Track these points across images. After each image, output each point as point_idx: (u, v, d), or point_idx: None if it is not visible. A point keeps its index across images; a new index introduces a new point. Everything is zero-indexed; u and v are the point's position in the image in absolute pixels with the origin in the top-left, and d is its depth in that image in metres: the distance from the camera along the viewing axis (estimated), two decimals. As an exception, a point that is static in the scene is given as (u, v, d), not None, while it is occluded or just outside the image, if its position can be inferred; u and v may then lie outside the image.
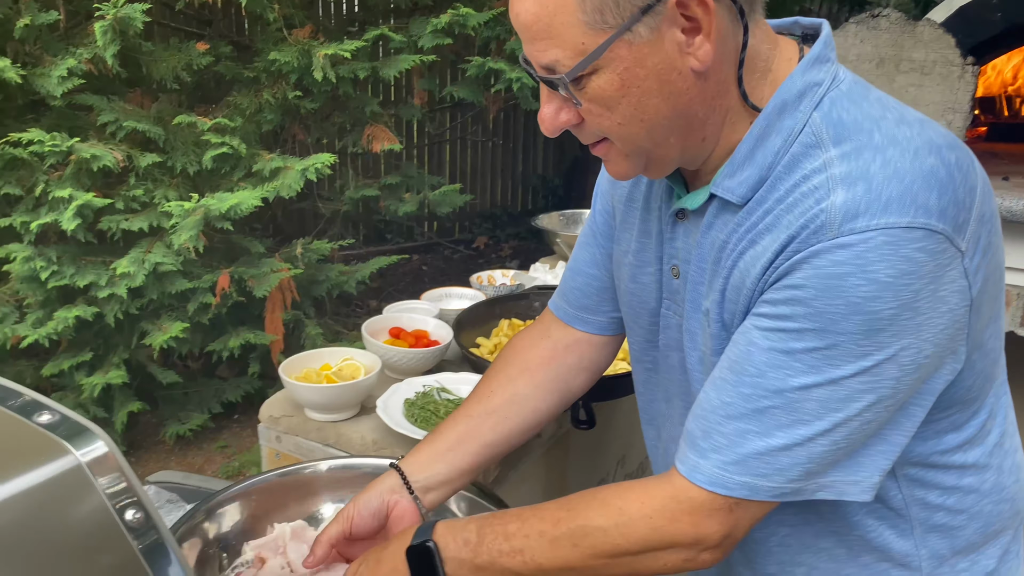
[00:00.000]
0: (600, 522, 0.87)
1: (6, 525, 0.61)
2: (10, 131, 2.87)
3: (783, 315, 0.80)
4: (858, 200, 0.76)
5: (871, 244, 0.75)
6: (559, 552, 0.88)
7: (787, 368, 0.80)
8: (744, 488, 0.82)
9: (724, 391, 0.84)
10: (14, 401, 0.73)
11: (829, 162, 0.79)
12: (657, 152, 0.87)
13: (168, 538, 0.70)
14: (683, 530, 0.85)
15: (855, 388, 0.78)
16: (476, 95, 3.74)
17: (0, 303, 3.07)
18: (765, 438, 0.81)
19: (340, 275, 3.71)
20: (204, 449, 3.50)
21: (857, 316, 0.76)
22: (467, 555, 0.92)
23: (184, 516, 1.12)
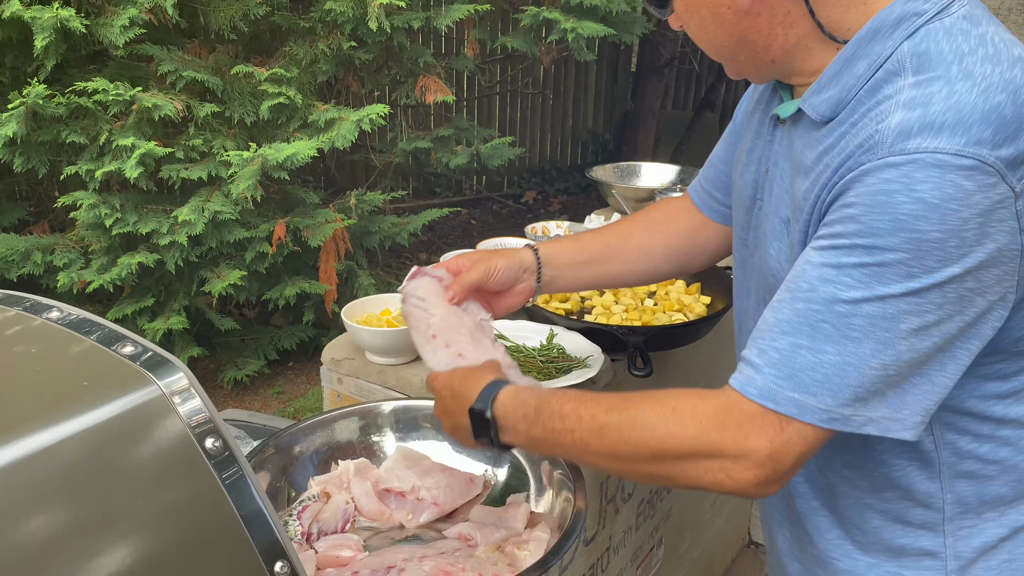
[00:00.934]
0: (651, 417, 0.88)
1: (94, 450, 0.64)
2: (75, 81, 2.93)
3: (836, 233, 0.82)
4: (912, 123, 0.78)
5: (918, 165, 0.76)
6: (606, 438, 0.91)
7: (837, 282, 0.81)
8: (793, 404, 0.82)
9: (779, 310, 0.86)
10: (97, 333, 0.76)
11: (902, 89, 0.81)
12: (732, 65, 0.97)
13: (245, 465, 0.73)
14: (730, 439, 0.84)
15: (902, 309, 0.80)
16: (529, 45, 3.70)
17: (67, 249, 3.17)
18: (816, 353, 0.82)
19: (392, 227, 3.75)
20: (260, 394, 3.60)
21: (903, 233, 0.77)
22: (523, 427, 0.98)
23: (254, 450, 1.17)
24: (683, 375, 1.91)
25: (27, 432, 0.62)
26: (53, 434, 0.63)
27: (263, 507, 0.73)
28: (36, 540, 0.58)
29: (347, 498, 1.19)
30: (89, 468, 0.63)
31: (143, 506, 0.64)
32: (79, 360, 0.73)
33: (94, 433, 0.65)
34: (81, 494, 0.61)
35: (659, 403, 0.89)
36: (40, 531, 0.58)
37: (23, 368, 0.73)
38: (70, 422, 0.64)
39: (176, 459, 0.68)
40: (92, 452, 0.64)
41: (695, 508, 2.22)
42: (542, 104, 6.51)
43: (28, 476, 0.60)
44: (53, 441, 0.62)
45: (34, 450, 0.61)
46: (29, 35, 2.81)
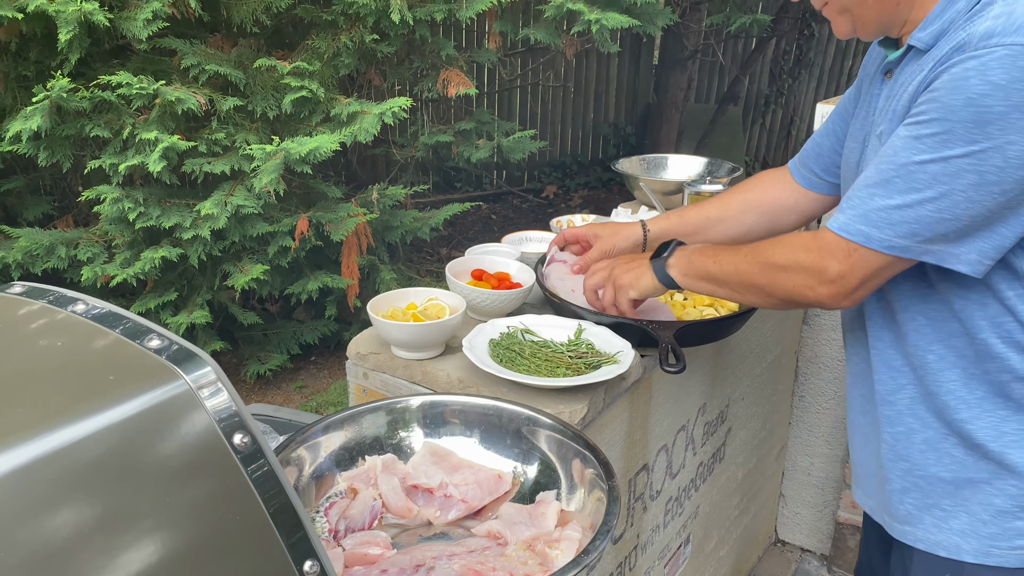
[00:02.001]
0: (771, 248, 1.22)
1: (120, 445, 0.63)
2: (99, 74, 2.93)
3: (920, 112, 1.03)
4: (996, 27, 0.96)
5: (994, 55, 0.95)
6: (737, 260, 1.26)
7: (912, 148, 1.03)
8: (860, 235, 1.08)
9: (868, 171, 1.10)
10: (123, 325, 0.74)
11: (991, 9, 1.00)
12: (857, 12, 1.13)
13: (273, 461, 0.71)
14: (810, 259, 1.14)
15: (961, 167, 0.99)
16: (553, 37, 3.66)
17: (90, 243, 3.17)
18: (886, 199, 1.06)
19: (414, 221, 3.73)
20: (283, 388, 3.60)
21: (971, 108, 0.96)
22: (686, 255, 1.36)
23: (281, 444, 1.15)
24: (712, 372, 1.88)
25: (54, 427, 0.61)
26: (79, 429, 0.62)
27: (293, 504, 0.71)
28: (63, 535, 0.57)
29: (374, 494, 1.17)
30: (116, 463, 0.62)
31: (170, 502, 0.63)
32: (105, 354, 0.72)
33: (120, 428, 0.64)
34: (108, 489, 0.60)
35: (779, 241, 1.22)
36: (67, 526, 0.57)
37: (49, 362, 0.72)
38: (96, 417, 0.63)
39: (203, 454, 0.67)
40: (118, 447, 0.63)
41: (722, 506, 2.19)
42: (563, 97, 6.46)
43: (55, 471, 0.59)
44: (79, 436, 0.62)
45: (61, 445, 0.60)
46: (53, 29, 2.81)
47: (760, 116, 7.16)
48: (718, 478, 2.10)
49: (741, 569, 2.45)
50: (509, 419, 1.21)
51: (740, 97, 6.74)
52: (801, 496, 2.61)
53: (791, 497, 2.64)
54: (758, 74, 7.02)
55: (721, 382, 1.95)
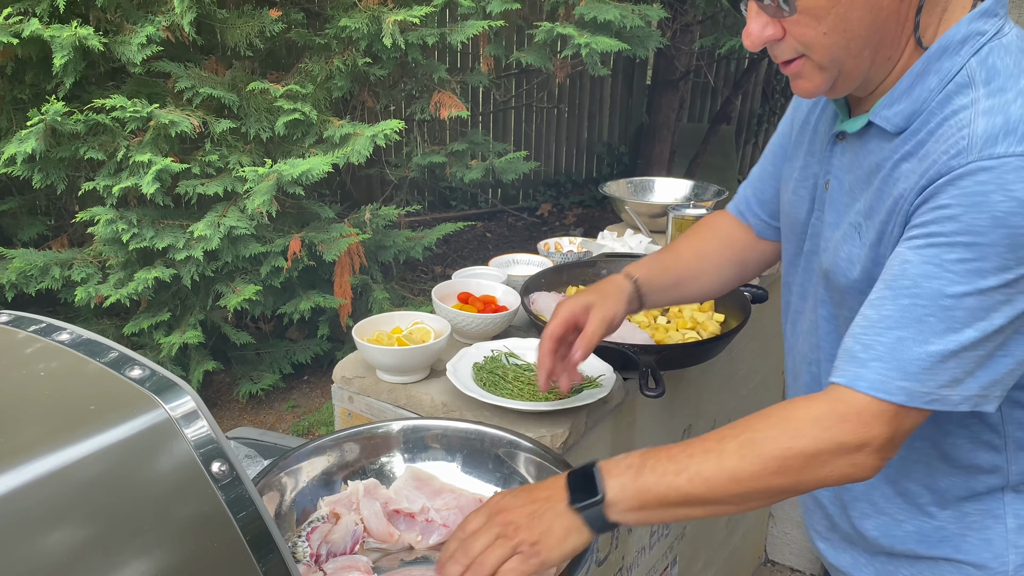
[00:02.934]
0: (768, 432, 0.91)
1: (99, 474, 0.64)
2: (93, 98, 2.97)
3: (934, 232, 0.88)
4: (996, 129, 0.86)
5: (1009, 167, 0.84)
6: (726, 463, 0.90)
7: (940, 278, 0.88)
8: (903, 393, 0.88)
9: (882, 307, 0.91)
10: (106, 355, 0.76)
11: (976, 100, 0.90)
12: (849, 64, 0.95)
13: (251, 489, 0.72)
14: (851, 430, 0.89)
15: (998, 299, 0.87)
16: (544, 61, 3.71)
17: (84, 264, 3.19)
18: (923, 344, 0.88)
19: (407, 241, 3.75)
20: (275, 408, 3.61)
21: (1001, 229, 0.84)
22: (630, 477, 0.92)
23: (263, 470, 1.16)
24: (696, 394, 1.89)
25: (33, 456, 0.62)
26: (59, 458, 0.63)
27: (270, 531, 0.72)
28: (42, 563, 0.57)
29: (356, 519, 1.18)
30: (95, 492, 0.63)
31: (149, 530, 0.64)
32: (87, 383, 0.73)
33: (100, 457, 0.65)
34: (87, 518, 0.61)
35: (769, 417, 0.93)
36: (45, 554, 0.58)
37: (31, 390, 0.73)
38: (76, 446, 0.64)
39: (182, 482, 0.68)
40: (98, 476, 0.64)
41: (710, 526, 2.20)
42: (557, 118, 6.51)
43: (34, 500, 0.60)
44: (59, 465, 0.62)
45: (40, 474, 0.61)
46: (49, 53, 2.85)
47: (753, 135, 7.22)
48: (705, 499, 2.11)
49: (730, 590, 2.46)
50: (491, 443, 1.23)
51: (732, 117, 6.79)
52: (790, 516, 2.62)
53: (780, 517, 2.65)
54: (751, 93, 7.08)
55: (707, 403, 1.97)
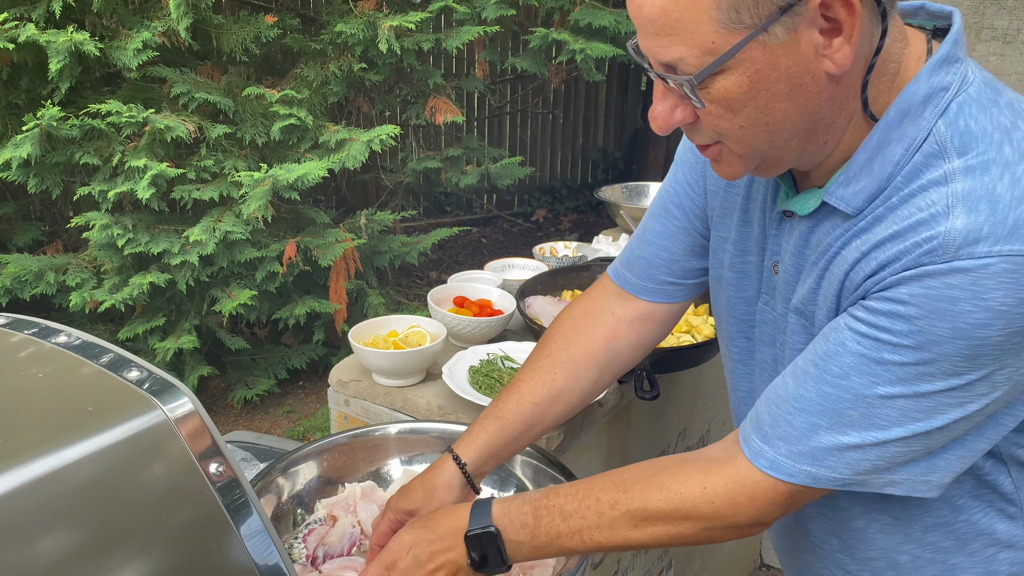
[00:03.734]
0: (661, 506, 0.87)
1: (97, 476, 0.64)
2: (89, 103, 2.97)
3: (882, 326, 0.77)
4: (981, 224, 0.72)
5: (990, 271, 0.71)
6: (618, 533, 0.89)
7: (874, 376, 0.78)
8: (807, 477, 0.82)
9: (804, 384, 0.83)
10: (103, 357, 0.76)
11: (951, 175, 0.75)
12: (774, 154, 0.83)
13: (249, 491, 0.72)
14: (743, 513, 0.85)
15: (942, 402, 0.77)
16: (539, 66, 3.72)
17: (79, 269, 3.19)
18: (836, 435, 0.80)
19: (402, 246, 3.76)
20: (271, 413, 3.60)
21: (960, 341, 0.74)
22: (525, 537, 0.92)
23: (260, 473, 1.17)
24: (691, 397, 1.90)
25: (32, 457, 0.62)
26: (57, 459, 0.63)
27: (267, 533, 0.73)
28: (40, 564, 0.57)
29: (353, 521, 1.18)
30: (93, 493, 0.63)
31: (146, 531, 0.64)
32: (85, 385, 0.74)
33: (98, 459, 0.65)
34: (85, 519, 0.61)
35: (664, 489, 0.88)
36: (44, 556, 0.58)
37: (29, 393, 0.73)
38: (74, 447, 0.64)
39: (180, 484, 0.68)
40: (96, 477, 0.64)
41: (705, 530, 2.20)
42: (552, 123, 6.53)
43: (33, 501, 0.60)
44: (57, 467, 0.62)
45: (39, 475, 0.61)
46: (44, 58, 2.85)
47: (747, 141, 7.24)
48: (700, 502, 2.11)
49: (725, 593, 2.46)
50: (485, 446, 1.23)
51: (727, 122, 6.80)
52: (785, 520, 2.62)
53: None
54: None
55: (701, 407, 1.97)
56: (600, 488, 0.91)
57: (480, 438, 1.10)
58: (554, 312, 1.70)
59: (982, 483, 0.89)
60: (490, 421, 1.11)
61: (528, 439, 1.14)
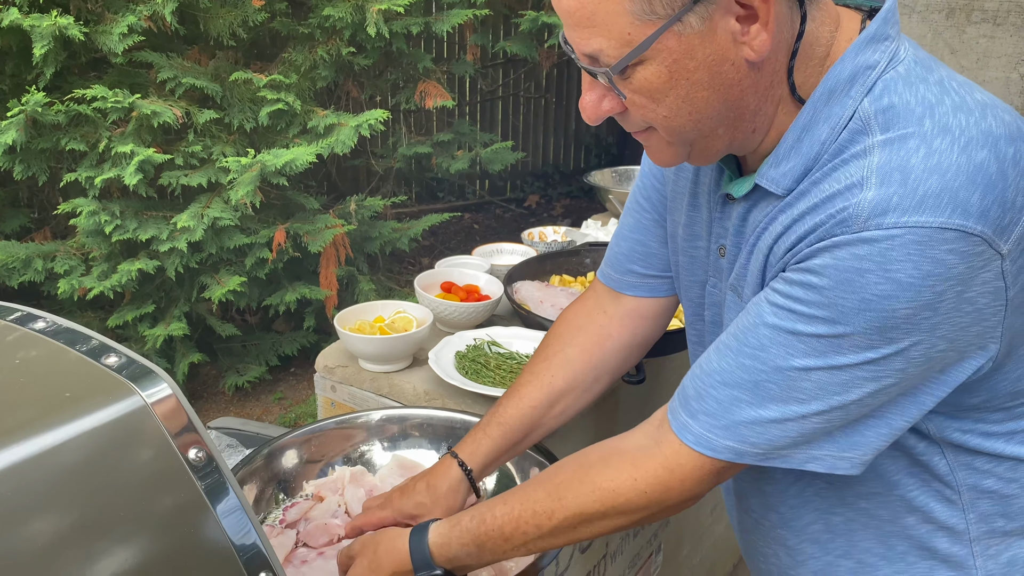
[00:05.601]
0: (596, 507, 0.89)
1: (76, 461, 0.63)
2: (74, 88, 2.94)
3: (796, 297, 0.78)
4: (891, 194, 0.72)
5: (897, 242, 0.71)
6: (560, 538, 0.92)
7: (790, 348, 0.79)
8: (730, 452, 0.83)
9: (725, 357, 0.84)
10: (82, 344, 0.76)
11: (871, 148, 0.75)
12: (702, 143, 0.83)
13: (228, 476, 0.72)
14: (676, 496, 0.87)
15: (857, 376, 0.77)
16: (529, 50, 3.71)
17: (67, 256, 3.17)
18: (757, 408, 0.81)
19: (393, 232, 3.75)
20: (262, 400, 3.60)
21: (869, 313, 0.74)
22: (473, 562, 0.95)
23: (244, 459, 1.16)
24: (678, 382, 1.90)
25: (7, 443, 0.62)
26: (33, 445, 0.63)
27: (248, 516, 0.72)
28: (16, 551, 0.57)
29: (339, 501, 1.19)
30: (70, 479, 0.63)
31: (125, 516, 0.64)
32: (63, 371, 0.73)
33: (75, 444, 0.65)
34: (62, 505, 0.61)
35: (597, 490, 0.89)
36: (21, 542, 0.58)
37: (7, 378, 0.73)
38: (51, 433, 0.64)
39: (159, 469, 0.68)
40: (73, 463, 0.64)
41: (695, 515, 2.21)
42: (544, 108, 6.50)
43: (9, 487, 0.59)
44: (33, 452, 0.62)
45: (13, 462, 0.61)
46: (28, 43, 2.82)
47: (739, 126, 7.23)
48: (689, 486, 2.12)
49: (715, 576, 2.48)
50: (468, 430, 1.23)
51: (719, 107, 6.79)
52: (774, 503, 2.63)
53: (764, 504, 2.66)
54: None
55: (690, 391, 1.98)
56: (535, 500, 0.92)
57: (484, 445, 1.11)
58: (541, 297, 1.70)
59: (916, 462, 0.89)
60: (493, 427, 1.12)
61: (530, 442, 1.15)
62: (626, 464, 0.89)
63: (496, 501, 0.96)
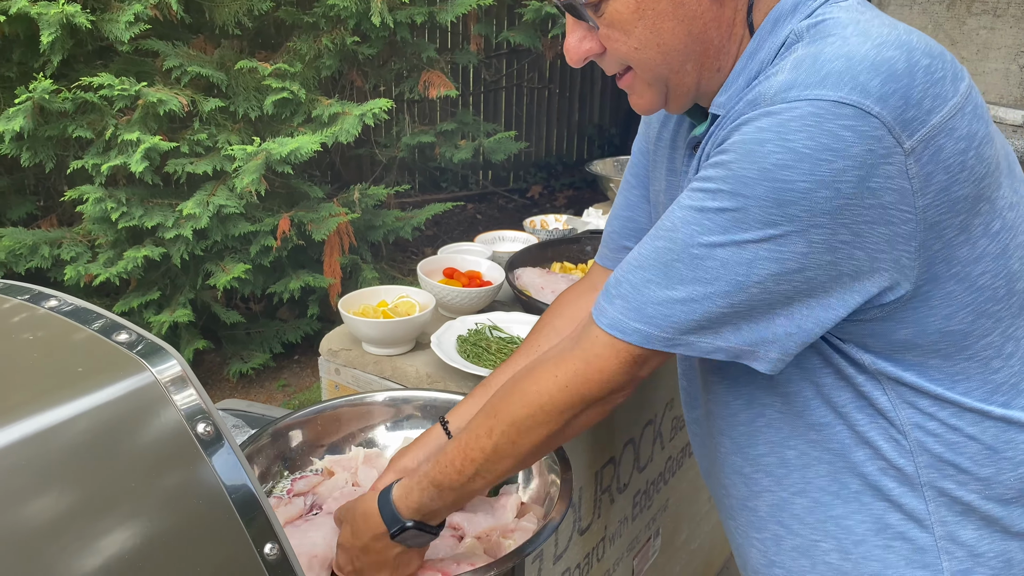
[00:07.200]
0: (526, 412, 0.91)
1: (87, 435, 0.65)
2: (81, 76, 2.96)
3: (706, 176, 0.81)
4: (798, 75, 0.76)
5: (795, 113, 0.74)
6: (506, 455, 0.94)
7: (697, 225, 0.81)
8: (638, 335, 0.84)
9: (644, 244, 0.87)
10: (94, 322, 0.78)
11: (795, 50, 0.80)
12: (674, 80, 0.88)
13: (237, 450, 0.74)
14: (596, 388, 0.88)
15: (759, 255, 0.79)
16: (533, 40, 3.71)
17: (74, 243, 3.20)
18: (666, 289, 0.83)
19: (396, 221, 3.77)
20: (266, 387, 3.63)
21: (767, 183, 0.76)
22: (439, 505, 0.98)
23: (250, 438, 1.19)
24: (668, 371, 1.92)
25: (21, 417, 0.63)
26: (47, 419, 0.64)
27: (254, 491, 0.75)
28: (30, 524, 0.59)
29: (350, 479, 1.21)
30: (82, 453, 0.64)
31: (135, 490, 0.65)
32: (75, 348, 0.75)
33: (88, 418, 0.66)
34: (74, 478, 0.63)
35: (525, 394, 0.92)
36: (34, 515, 0.60)
37: (20, 355, 0.75)
38: (64, 407, 0.66)
39: (169, 444, 0.70)
40: (85, 437, 0.65)
41: (693, 500, 2.24)
42: (548, 99, 6.51)
43: (22, 460, 0.61)
44: (47, 426, 0.63)
45: (28, 434, 0.62)
46: (35, 31, 2.84)
47: (743, 117, 7.22)
48: (687, 472, 2.15)
49: (713, 563, 2.50)
50: (472, 412, 1.26)
51: (723, 98, 6.78)
52: (773, 491, 2.65)
53: (763, 492, 2.68)
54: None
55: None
56: (476, 424, 0.96)
57: (469, 410, 1.14)
58: (542, 283, 1.72)
59: (860, 395, 0.90)
60: (480, 394, 1.15)
61: None
62: (549, 365, 0.92)
63: (449, 442, 1.00)
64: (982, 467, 0.90)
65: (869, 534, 0.94)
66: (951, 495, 0.91)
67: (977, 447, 0.90)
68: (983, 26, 2.28)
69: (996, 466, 0.90)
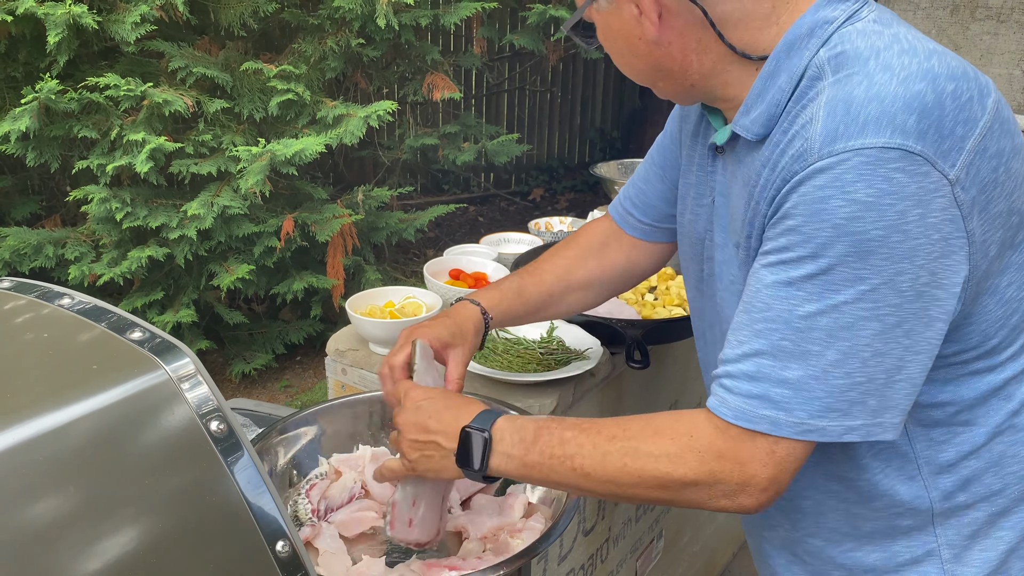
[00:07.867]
0: (651, 447, 0.88)
1: (102, 432, 0.65)
2: (87, 76, 2.97)
3: (780, 247, 0.82)
4: (836, 124, 0.78)
5: (848, 165, 0.76)
6: (609, 466, 0.90)
7: (790, 298, 0.81)
8: (767, 422, 0.82)
9: (739, 332, 0.86)
10: (106, 319, 0.78)
11: (822, 90, 0.82)
12: (656, 88, 0.97)
13: (249, 448, 0.75)
14: (728, 468, 0.85)
15: (857, 315, 0.79)
16: (536, 43, 3.72)
17: (78, 243, 3.21)
18: (781, 370, 0.81)
19: (399, 222, 3.78)
20: (268, 388, 3.63)
21: (844, 238, 0.77)
22: (519, 452, 0.94)
23: (258, 436, 1.19)
24: (682, 370, 1.93)
25: (37, 413, 0.63)
26: (62, 416, 0.64)
27: (267, 488, 0.75)
28: (45, 519, 0.59)
29: (357, 478, 1.21)
30: (97, 449, 0.64)
31: (149, 487, 0.66)
32: (89, 345, 0.75)
33: (102, 415, 0.66)
34: (89, 474, 0.63)
35: (657, 433, 0.89)
36: (49, 511, 0.60)
37: (35, 352, 0.75)
38: (79, 404, 0.66)
39: (182, 441, 0.70)
40: (100, 434, 0.65)
41: (695, 502, 2.24)
42: (550, 102, 6.52)
43: (38, 456, 0.61)
44: (62, 423, 0.63)
45: (44, 431, 0.62)
46: (42, 31, 2.85)
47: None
48: (691, 474, 2.15)
49: (715, 565, 2.51)
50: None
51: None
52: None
53: (765, 495, 2.69)
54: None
55: (693, 380, 2.01)
56: (603, 424, 0.93)
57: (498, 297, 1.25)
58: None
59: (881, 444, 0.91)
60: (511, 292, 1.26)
61: (538, 318, 1.31)
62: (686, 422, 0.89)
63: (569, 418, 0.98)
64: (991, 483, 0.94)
65: (879, 562, 0.98)
66: (959, 517, 0.95)
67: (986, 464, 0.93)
68: (986, 31, 2.28)
69: (1003, 481, 0.94)
